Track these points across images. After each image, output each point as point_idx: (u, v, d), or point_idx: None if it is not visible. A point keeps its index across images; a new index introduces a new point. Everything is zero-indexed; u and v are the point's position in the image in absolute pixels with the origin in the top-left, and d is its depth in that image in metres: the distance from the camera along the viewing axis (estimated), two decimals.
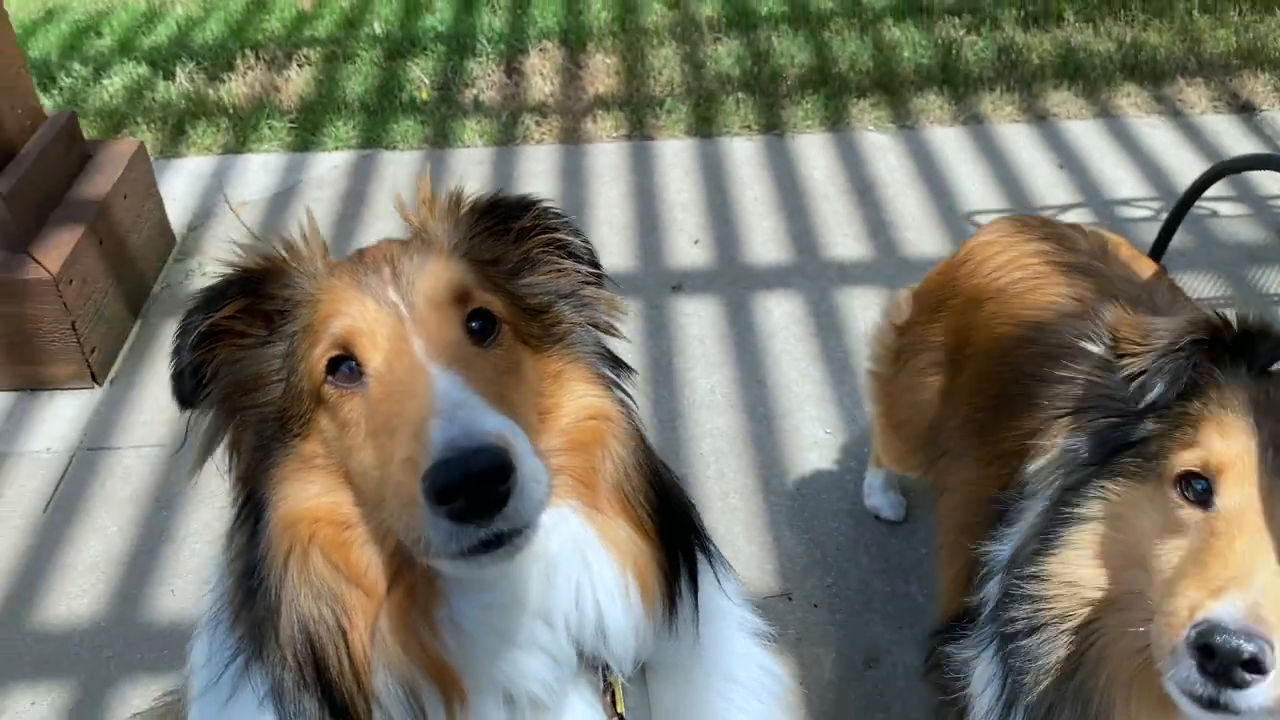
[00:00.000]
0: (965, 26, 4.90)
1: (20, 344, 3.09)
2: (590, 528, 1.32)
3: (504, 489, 1.05)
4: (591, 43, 4.98)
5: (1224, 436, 1.28)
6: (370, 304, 1.23)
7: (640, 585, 1.32)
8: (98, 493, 2.91)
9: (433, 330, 1.21)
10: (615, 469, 1.35)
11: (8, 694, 2.44)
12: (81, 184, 3.31)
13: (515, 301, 1.34)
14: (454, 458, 1.03)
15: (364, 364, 1.20)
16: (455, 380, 1.13)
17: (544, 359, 1.34)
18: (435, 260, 1.29)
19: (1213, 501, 1.26)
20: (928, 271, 3.49)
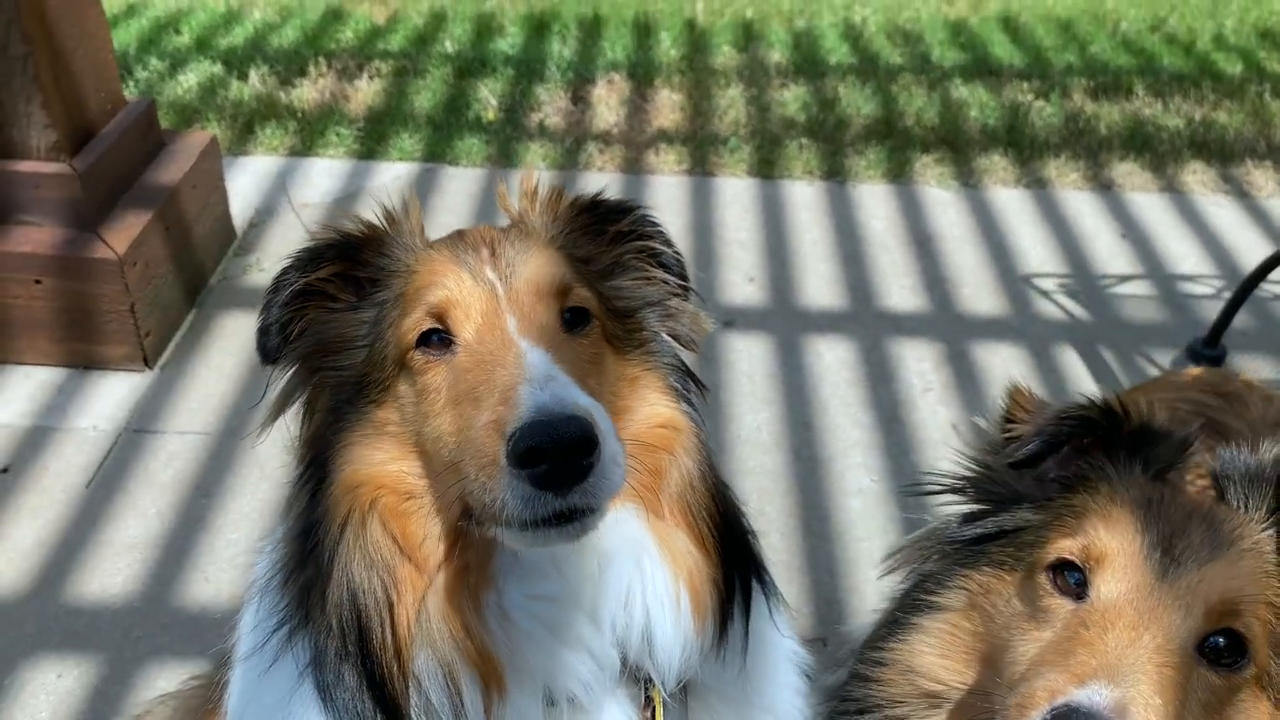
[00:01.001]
0: (1034, 91, 4.90)
1: (79, 321, 3.12)
2: (649, 533, 1.32)
3: (587, 461, 1.06)
4: (659, 78, 5.02)
5: (1108, 528, 1.22)
6: (467, 278, 1.25)
7: (693, 599, 1.31)
8: (140, 474, 2.92)
9: (527, 311, 1.23)
10: (680, 479, 1.34)
11: (36, 665, 2.44)
12: (154, 170, 3.36)
13: (604, 301, 1.35)
14: (544, 420, 1.05)
15: (455, 334, 1.22)
16: (544, 356, 1.15)
17: (624, 362, 1.35)
18: (539, 250, 1.31)
19: (1087, 593, 1.18)
20: (983, 330, 3.47)
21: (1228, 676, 1.13)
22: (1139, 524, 1.20)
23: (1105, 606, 1.15)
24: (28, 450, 2.97)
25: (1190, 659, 1.11)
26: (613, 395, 1.31)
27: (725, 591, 1.34)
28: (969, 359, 3.38)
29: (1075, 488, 1.33)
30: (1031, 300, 3.67)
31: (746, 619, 1.38)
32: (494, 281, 1.26)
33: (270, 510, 2.80)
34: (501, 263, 1.28)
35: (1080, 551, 1.20)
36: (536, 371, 1.12)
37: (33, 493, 2.85)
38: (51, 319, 3.13)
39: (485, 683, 1.24)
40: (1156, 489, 1.27)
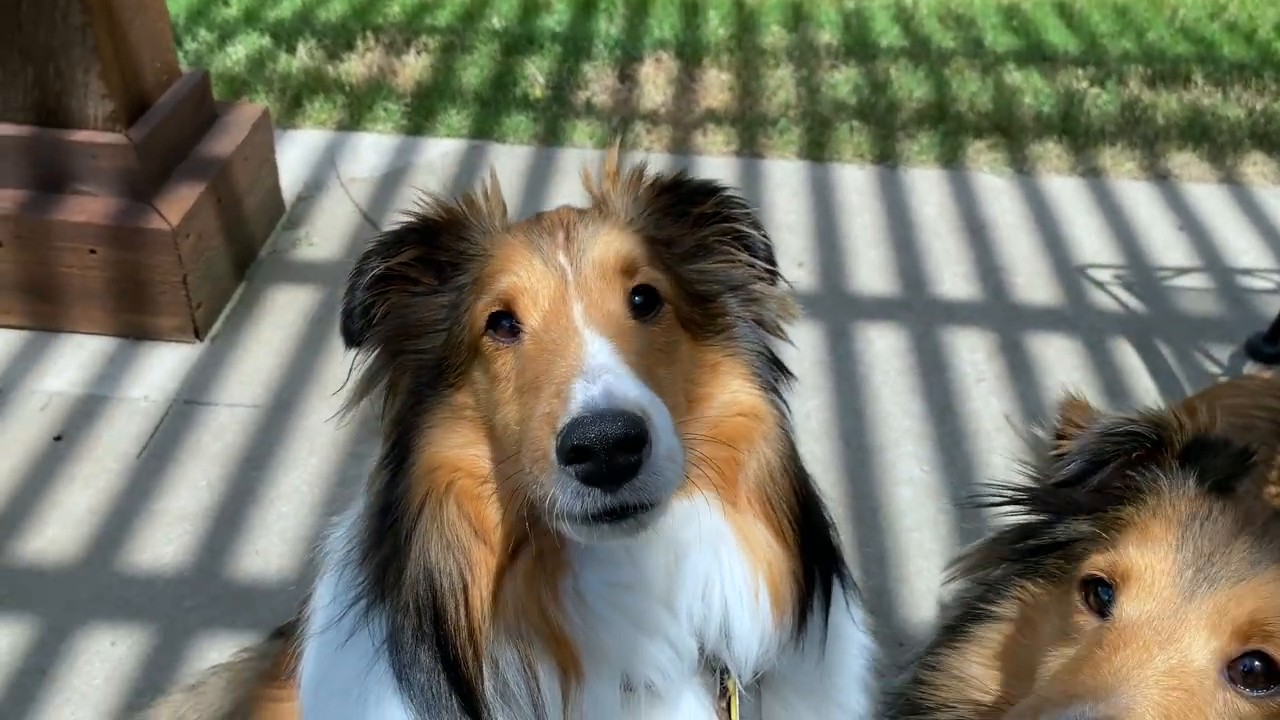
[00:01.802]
0: (1089, 79, 4.81)
1: (132, 292, 3.14)
2: (727, 523, 1.30)
3: (634, 459, 1.05)
4: (707, 57, 4.97)
5: (1140, 544, 1.16)
6: (537, 264, 1.25)
7: (771, 591, 1.30)
8: (191, 445, 2.93)
9: (594, 296, 1.22)
10: (760, 469, 1.32)
11: (91, 632, 2.46)
12: (207, 142, 3.36)
13: (683, 285, 1.32)
14: (589, 418, 1.03)
15: (522, 321, 1.22)
16: (606, 346, 1.14)
17: (702, 348, 1.32)
18: (609, 230, 1.29)
19: (1110, 611, 1.14)
20: (1037, 320, 3.41)
21: (1261, 702, 1.06)
22: (1174, 540, 1.15)
23: (1124, 626, 1.11)
24: (81, 419, 2.99)
25: (1213, 682, 1.06)
26: (689, 383, 1.29)
27: (805, 584, 1.33)
28: (1022, 349, 3.33)
29: (1126, 500, 1.28)
30: (1086, 291, 3.61)
31: (826, 613, 1.37)
32: (565, 266, 1.24)
33: (321, 484, 2.81)
34: (574, 246, 1.27)
35: (1109, 567, 1.16)
36: (593, 363, 1.11)
37: (86, 461, 2.88)
38: (105, 289, 3.14)
39: (563, 668, 1.24)
40: (1209, 503, 1.22)
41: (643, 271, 1.27)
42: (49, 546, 2.66)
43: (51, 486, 2.80)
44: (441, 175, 4.11)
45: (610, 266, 1.25)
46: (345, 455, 2.89)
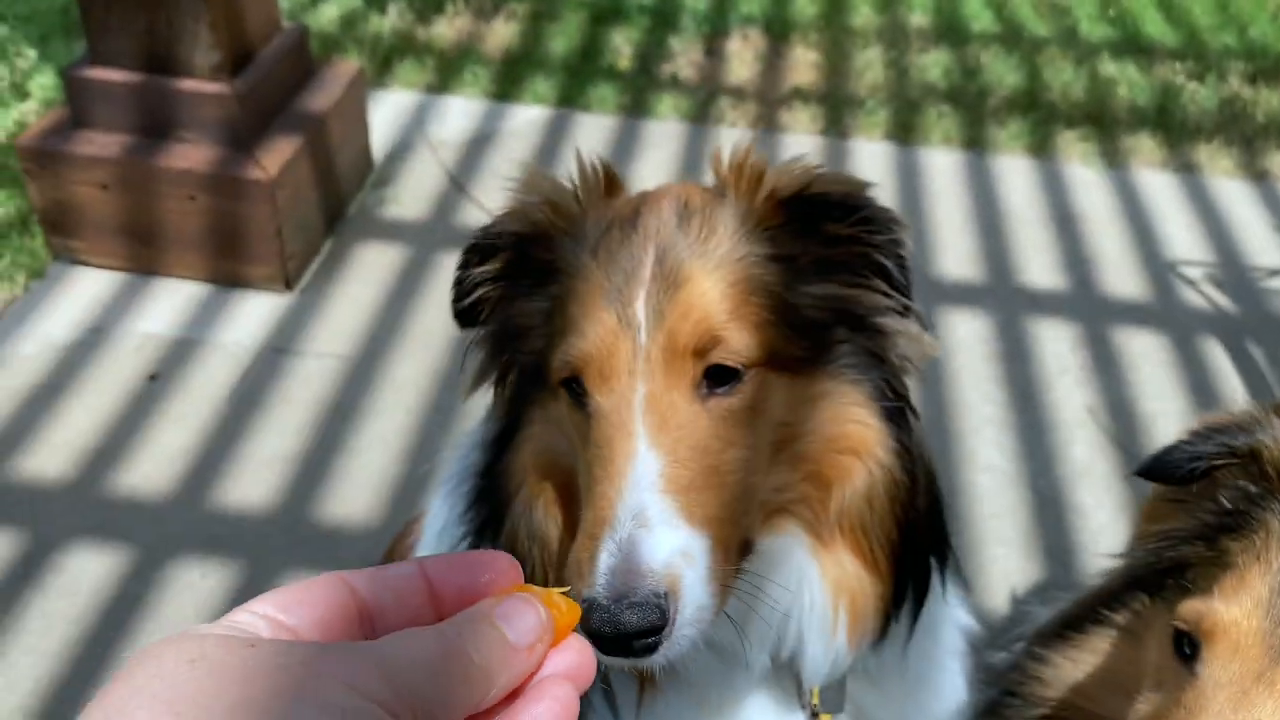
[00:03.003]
0: (1187, 72, 4.69)
1: (227, 239, 3.21)
2: (814, 562, 1.24)
3: (652, 641, 1.01)
4: (795, 34, 4.93)
5: (1230, 596, 1.03)
6: (608, 321, 1.14)
7: (851, 618, 1.26)
8: (278, 392, 3.00)
9: (658, 376, 1.11)
10: (857, 500, 1.23)
11: (182, 565, 2.54)
12: (304, 97, 3.42)
13: (787, 316, 1.18)
14: (606, 606, 1.00)
15: (589, 392, 1.14)
16: (652, 470, 1.06)
17: (803, 381, 1.20)
18: (693, 282, 1.15)
19: (1195, 667, 1.03)
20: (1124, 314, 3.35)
21: None
22: (1267, 594, 1.01)
23: (1200, 689, 1.00)
24: (175, 360, 3.08)
25: None
26: (781, 424, 1.19)
27: (893, 603, 1.27)
28: (1108, 343, 3.29)
29: (1239, 530, 1.12)
30: (1176, 288, 3.54)
31: (914, 620, 1.32)
32: (639, 322, 1.13)
33: (405, 436, 2.87)
34: (656, 288, 1.14)
35: (1194, 621, 1.03)
36: (629, 502, 1.05)
37: (178, 401, 2.96)
38: (202, 235, 3.22)
39: (638, 677, 1.26)
40: None
41: (726, 345, 1.13)
42: (142, 482, 2.75)
43: (145, 424, 2.89)
44: (527, 142, 4.14)
45: (683, 341, 1.12)
46: (430, 409, 2.95)
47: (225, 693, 0.53)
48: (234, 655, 0.55)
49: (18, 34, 4.39)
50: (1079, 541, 2.68)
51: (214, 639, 0.56)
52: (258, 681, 0.53)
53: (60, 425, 2.87)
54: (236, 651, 0.55)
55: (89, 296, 3.25)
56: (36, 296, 3.24)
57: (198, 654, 0.55)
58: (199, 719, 0.52)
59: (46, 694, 2.30)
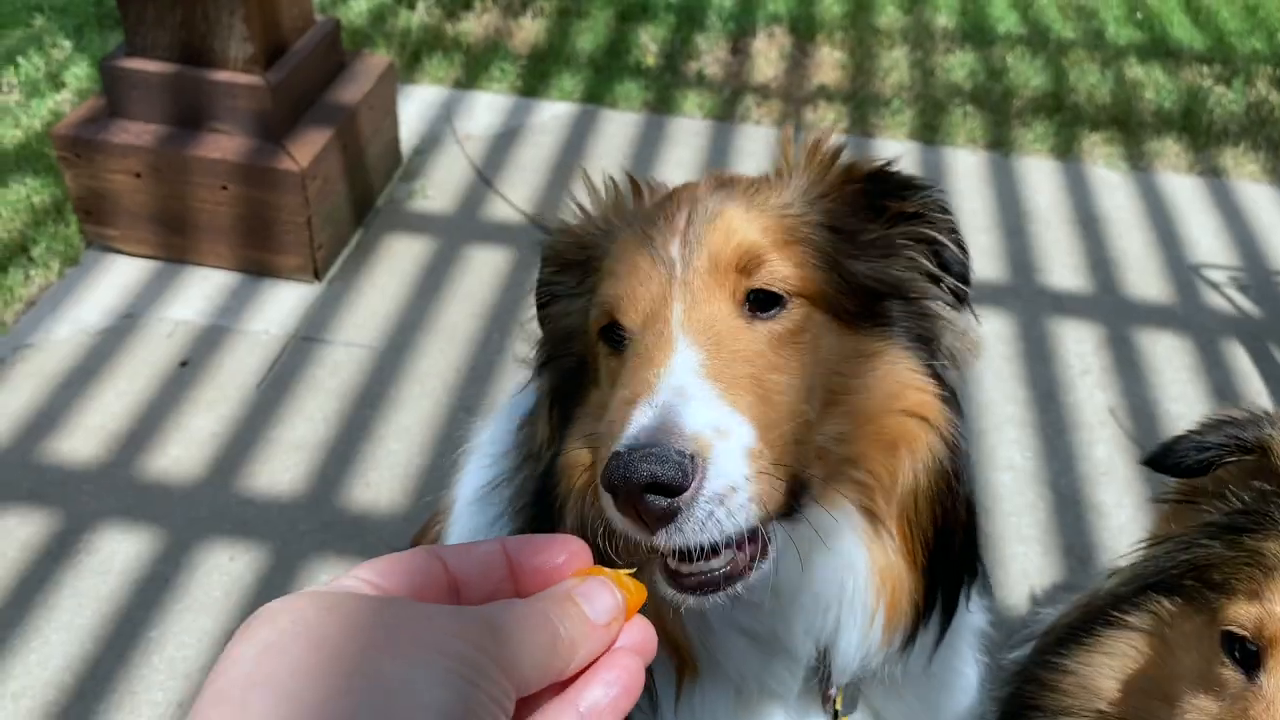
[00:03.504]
0: (1214, 76, 4.68)
1: (258, 229, 3.26)
2: (863, 548, 1.22)
3: (669, 503, 0.95)
4: (820, 34, 4.95)
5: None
6: (643, 263, 1.16)
7: (889, 613, 1.24)
8: (307, 380, 3.05)
9: (697, 295, 1.12)
10: (910, 484, 1.21)
11: (211, 547, 2.59)
12: (335, 89, 3.46)
13: (840, 273, 1.19)
14: (623, 454, 0.95)
15: (626, 330, 1.16)
16: (692, 359, 1.05)
17: (854, 336, 1.20)
18: (732, 213, 1.17)
19: (1258, 675, 1.00)
20: (1147, 316, 3.34)
21: None
22: None
23: (1272, 699, 0.98)
24: (205, 347, 3.13)
25: None
26: (835, 373, 1.17)
27: (925, 606, 1.26)
28: (1131, 344, 3.29)
29: (1262, 530, 1.12)
30: (1199, 291, 3.54)
31: (943, 630, 1.30)
32: (674, 259, 1.14)
33: (430, 426, 2.90)
34: (692, 232, 1.16)
35: (1255, 628, 1.01)
36: (665, 384, 1.02)
37: (208, 387, 3.01)
38: (233, 225, 3.27)
39: (678, 668, 1.26)
40: None
41: (768, 267, 1.13)
42: (173, 465, 2.79)
43: (176, 409, 2.94)
44: (553, 137, 4.17)
45: (723, 261, 1.13)
46: (455, 400, 2.98)
47: (355, 637, 0.58)
48: (361, 606, 0.61)
49: (54, 25, 4.45)
50: (1099, 541, 2.70)
51: (335, 594, 0.63)
52: (382, 630, 0.59)
53: (93, 409, 2.92)
54: (360, 603, 0.61)
55: (122, 283, 3.30)
56: (71, 283, 3.29)
57: (331, 603, 0.61)
58: (331, 658, 0.57)
59: (78, 670, 2.35)
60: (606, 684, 0.68)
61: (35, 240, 3.39)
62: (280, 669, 0.57)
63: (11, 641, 2.39)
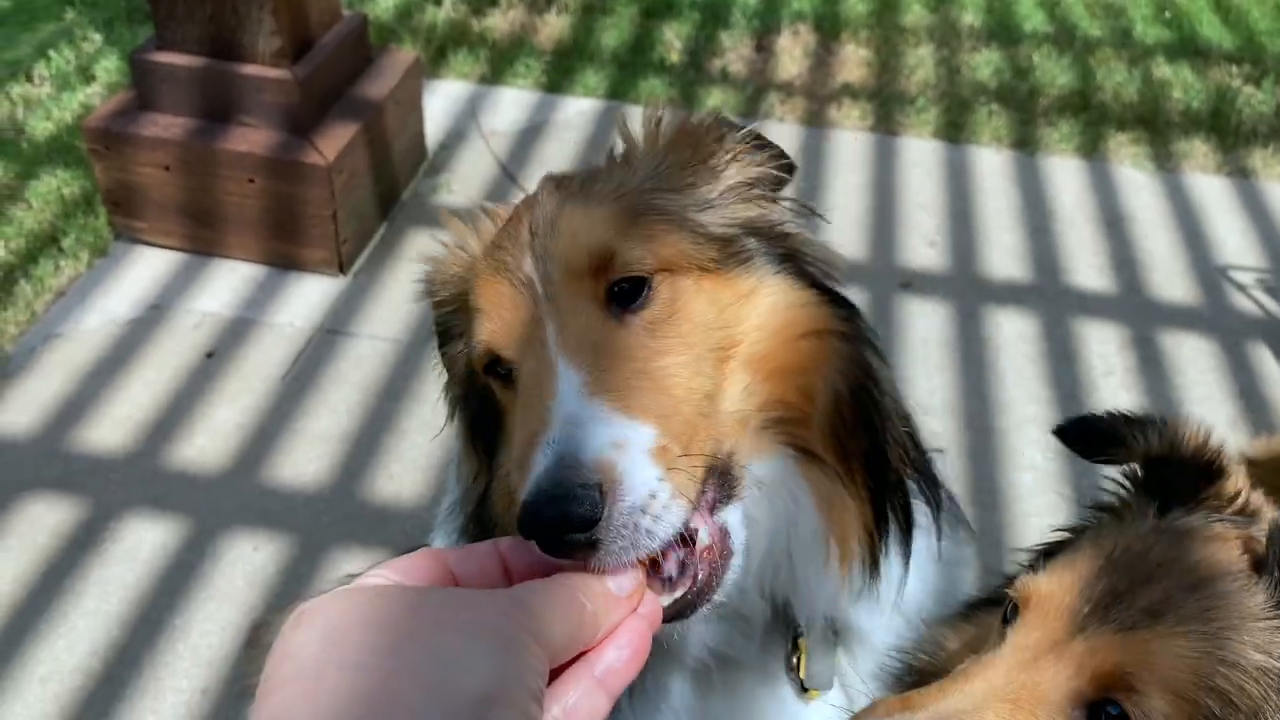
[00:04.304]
0: (1244, 76, 4.64)
1: (284, 222, 3.29)
2: (802, 480, 1.21)
3: (588, 536, 0.93)
4: (845, 32, 4.94)
5: (1056, 572, 1.08)
6: (504, 291, 1.15)
7: (839, 541, 1.23)
8: (331, 372, 3.07)
9: (563, 309, 1.10)
10: (829, 403, 1.20)
11: (236, 537, 2.62)
12: (362, 84, 3.49)
13: (690, 229, 1.19)
14: (531, 503, 0.93)
15: (507, 361, 1.15)
16: (575, 382, 1.03)
17: (727, 281, 1.19)
18: (570, 215, 1.16)
19: (1007, 632, 1.09)
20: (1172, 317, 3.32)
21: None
22: (1094, 572, 1.07)
23: (1003, 649, 1.07)
24: (230, 339, 3.16)
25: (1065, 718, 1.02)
26: (719, 329, 1.16)
27: (879, 535, 1.25)
28: (1155, 345, 3.27)
29: (1105, 521, 1.19)
30: (1226, 292, 3.51)
31: (906, 561, 1.29)
32: (532, 277, 1.13)
33: None
34: (538, 245, 1.15)
35: (1020, 590, 1.10)
36: (558, 413, 1.01)
37: (234, 379, 3.04)
38: (260, 218, 3.30)
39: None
40: (1159, 537, 1.10)
41: (620, 257, 1.12)
42: (198, 455, 2.83)
43: (202, 400, 2.97)
44: (578, 133, 4.18)
45: (575, 266, 1.12)
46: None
47: (411, 618, 0.67)
48: (410, 594, 0.71)
49: (84, 19, 4.50)
50: None
51: (378, 586, 0.73)
52: (432, 611, 0.69)
53: (121, 399, 2.95)
54: (409, 592, 0.71)
55: (150, 275, 3.34)
56: (99, 274, 3.33)
57: (379, 593, 0.70)
58: (393, 637, 0.66)
59: (104, 655, 2.38)
60: (619, 647, 0.77)
61: (65, 231, 3.44)
62: (347, 649, 0.65)
63: (39, 626, 2.42)
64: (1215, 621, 1.01)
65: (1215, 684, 0.98)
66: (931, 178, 3.98)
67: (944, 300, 3.39)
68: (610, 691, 0.76)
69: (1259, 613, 1.01)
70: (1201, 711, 0.99)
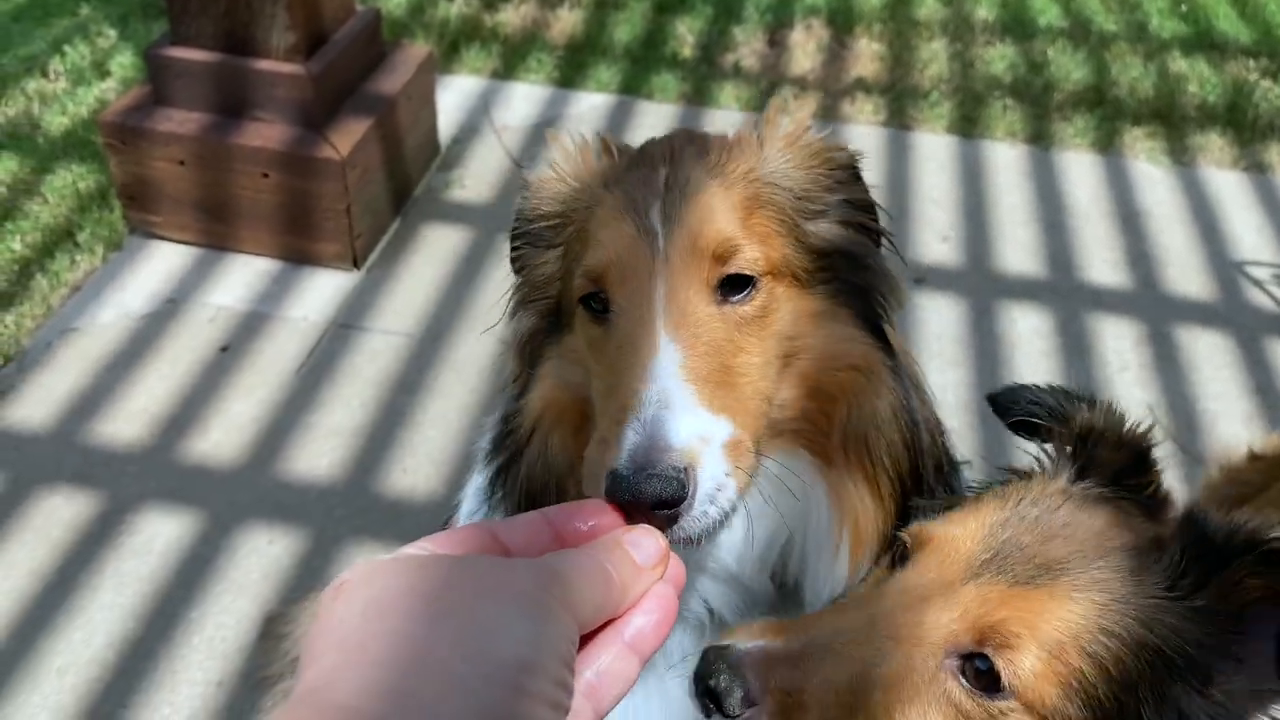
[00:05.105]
0: (1261, 70, 4.61)
1: (298, 217, 3.30)
2: (820, 481, 1.29)
3: (671, 512, 1.04)
4: (859, 26, 4.92)
5: (962, 518, 1.11)
6: (626, 232, 1.20)
7: (854, 542, 1.30)
8: (345, 366, 3.08)
9: (676, 276, 1.17)
10: (864, 421, 1.28)
11: (250, 530, 2.63)
12: (375, 79, 3.49)
13: (796, 236, 1.27)
14: (627, 476, 1.02)
15: (611, 300, 1.20)
16: (673, 360, 1.11)
17: (807, 294, 1.27)
18: (709, 194, 1.22)
19: (896, 571, 1.13)
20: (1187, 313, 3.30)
21: (977, 702, 1.02)
22: (991, 523, 1.08)
23: (887, 588, 1.09)
24: (245, 333, 3.17)
25: (936, 664, 1.02)
26: (788, 337, 1.25)
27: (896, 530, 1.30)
28: (1170, 341, 3.26)
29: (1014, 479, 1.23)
30: (1242, 288, 3.49)
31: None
32: (656, 229, 1.19)
33: (466, 413, 2.93)
34: (670, 199, 1.21)
35: (916, 532, 1.13)
36: (650, 395, 1.08)
37: (248, 373, 3.05)
38: (273, 212, 3.31)
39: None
40: (1071, 499, 1.12)
41: (741, 254, 1.20)
42: (213, 449, 2.84)
43: (217, 394, 2.99)
44: (590, 128, 4.17)
45: (700, 245, 1.18)
46: (490, 388, 3.00)
47: (452, 586, 0.69)
48: (452, 563, 0.72)
49: (99, 14, 4.52)
50: None
51: (419, 556, 0.74)
52: (471, 580, 0.70)
53: (136, 392, 2.97)
54: (451, 562, 0.73)
55: (165, 269, 3.35)
56: (114, 268, 3.35)
57: (421, 563, 0.71)
58: (435, 606, 0.68)
59: (120, 647, 2.40)
60: (646, 612, 0.79)
61: (81, 226, 3.45)
62: (390, 617, 0.67)
63: (56, 619, 2.44)
64: (1108, 592, 1.02)
65: (1094, 651, 1.00)
66: (945, 173, 3.97)
67: (958, 295, 3.38)
68: (641, 654, 0.78)
69: (1151, 591, 1.02)
70: (1073, 675, 1.00)
